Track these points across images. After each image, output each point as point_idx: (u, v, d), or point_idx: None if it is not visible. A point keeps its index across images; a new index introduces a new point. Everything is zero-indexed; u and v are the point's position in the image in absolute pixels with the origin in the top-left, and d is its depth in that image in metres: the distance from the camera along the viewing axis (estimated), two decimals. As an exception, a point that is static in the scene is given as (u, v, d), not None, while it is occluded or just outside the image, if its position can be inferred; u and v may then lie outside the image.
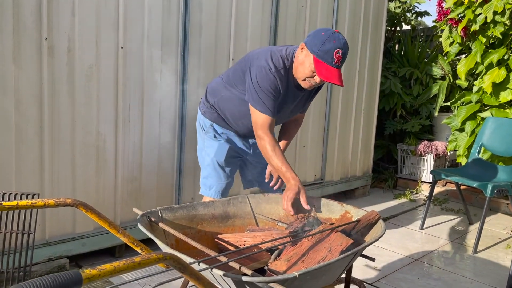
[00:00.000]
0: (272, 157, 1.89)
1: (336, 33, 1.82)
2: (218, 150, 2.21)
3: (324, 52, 1.79)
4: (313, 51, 1.81)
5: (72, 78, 2.36)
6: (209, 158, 2.23)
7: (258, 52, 2.03)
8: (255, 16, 3.21)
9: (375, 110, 4.61)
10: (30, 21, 2.19)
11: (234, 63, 2.19)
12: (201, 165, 2.32)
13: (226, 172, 2.24)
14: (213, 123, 2.24)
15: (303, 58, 1.88)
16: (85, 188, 2.50)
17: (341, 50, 1.79)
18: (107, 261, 2.62)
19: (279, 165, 1.88)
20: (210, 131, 2.24)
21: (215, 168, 2.22)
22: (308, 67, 1.85)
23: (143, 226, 1.50)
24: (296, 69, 1.92)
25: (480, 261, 3.03)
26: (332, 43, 1.79)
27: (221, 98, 2.18)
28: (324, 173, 4.08)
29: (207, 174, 2.25)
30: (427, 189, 4.81)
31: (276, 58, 1.94)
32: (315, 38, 1.83)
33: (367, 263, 2.80)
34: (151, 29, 2.64)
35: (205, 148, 2.27)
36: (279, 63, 1.93)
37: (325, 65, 1.80)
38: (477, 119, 4.10)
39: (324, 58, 1.79)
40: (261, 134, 1.93)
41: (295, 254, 1.54)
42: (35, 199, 1.70)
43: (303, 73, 1.89)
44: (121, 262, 0.90)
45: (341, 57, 1.80)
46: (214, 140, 2.23)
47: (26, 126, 2.24)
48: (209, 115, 2.25)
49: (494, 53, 3.92)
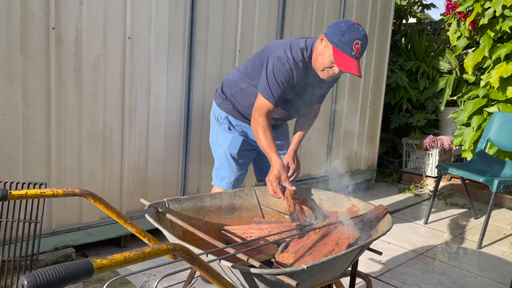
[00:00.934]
0: (261, 138, 1.92)
1: (356, 25, 1.81)
2: (232, 142, 2.22)
3: (343, 43, 1.79)
4: (333, 42, 1.81)
5: (79, 68, 2.36)
6: (222, 150, 2.24)
7: (278, 43, 2.03)
8: (263, 7, 3.19)
9: (381, 104, 4.59)
10: (38, 10, 2.18)
11: (253, 55, 2.18)
12: (214, 156, 2.34)
13: (239, 164, 2.26)
14: (228, 114, 2.25)
15: (322, 49, 1.88)
16: (91, 178, 2.50)
17: (361, 41, 1.79)
18: (112, 251, 2.65)
19: (266, 147, 1.91)
20: (225, 123, 2.25)
21: (228, 160, 2.24)
22: (327, 57, 1.85)
23: (151, 217, 1.51)
24: (316, 59, 1.92)
25: (485, 256, 3.03)
26: (352, 34, 1.78)
27: (238, 90, 2.19)
28: (329, 166, 4.07)
29: (220, 165, 2.27)
30: (431, 183, 4.80)
31: (295, 51, 1.94)
32: (335, 29, 1.82)
33: (372, 256, 2.81)
34: (158, 20, 2.63)
35: (218, 139, 2.28)
36: (298, 55, 1.94)
37: (344, 55, 1.80)
38: (484, 114, 4.08)
39: (343, 48, 1.79)
40: (257, 116, 1.95)
41: (302, 247, 1.54)
42: (43, 188, 1.70)
43: (322, 64, 1.89)
44: (132, 252, 0.90)
45: (360, 48, 1.80)
46: (228, 132, 2.24)
47: (33, 115, 2.24)
48: (224, 107, 2.26)
49: (502, 47, 3.88)
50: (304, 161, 3.80)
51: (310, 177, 3.90)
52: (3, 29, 2.09)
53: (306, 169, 3.87)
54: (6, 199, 1.26)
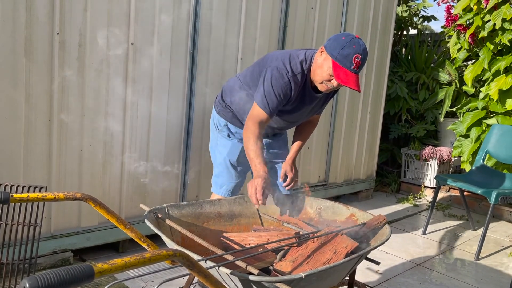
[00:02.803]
0: (252, 146, 1.89)
1: (357, 39, 1.82)
2: (231, 149, 2.23)
3: (343, 56, 1.79)
4: (332, 55, 1.81)
5: (82, 72, 2.38)
6: (222, 156, 2.25)
7: (277, 54, 2.02)
8: (265, 16, 3.22)
9: (381, 113, 4.61)
10: (43, 15, 2.20)
11: (253, 64, 2.20)
12: (213, 163, 2.34)
13: (238, 172, 2.26)
14: (227, 122, 2.26)
15: (321, 61, 1.88)
16: (91, 182, 2.51)
17: (360, 55, 1.79)
18: (110, 256, 2.65)
19: (254, 156, 1.87)
20: (224, 130, 2.26)
21: (227, 167, 2.24)
22: (326, 70, 1.85)
23: (150, 222, 1.52)
24: (314, 71, 1.92)
25: (482, 268, 3.03)
26: (351, 48, 1.79)
27: (238, 98, 2.20)
28: (328, 175, 4.08)
29: (219, 172, 2.28)
30: (430, 194, 4.81)
31: (294, 63, 1.94)
32: (335, 42, 1.83)
33: (370, 266, 2.81)
34: (161, 26, 2.65)
35: (218, 146, 2.29)
36: (297, 68, 1.94)
37: (343, 69, 1.80)
38: (483, 126, 4.10)
39: (342, 62, 1.79)
40: (250, 124, 1.93)
41: (300, 255, 1.55)
42: (43, 192, 1.71)
43: (321, 76, 1.89)
44: (132, 257, 0.91)
45: (360, 62, 1.80)
46: (227, 139, 2.24)
47: (36, 119, 2.26)
48: (224, 114, 2.26)
49: (501, 60, 3.91)
50: (303, 170, 3.81)
51: (310, 186, 3.91)
52: (8, 33, 2.11)
53: (305, 177, 3.88)
54: (8, 202, 1.27)
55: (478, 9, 3.95)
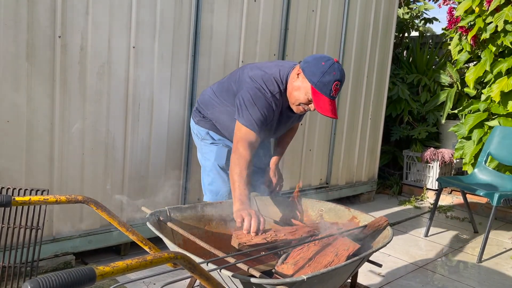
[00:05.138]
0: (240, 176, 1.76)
1: (336, 64, 1.78)
2: (217, 153, 2.17)
3: (323, 83, 1.76)
4: (312, 81, 1.78)
5: (84, 76, 2.39)
6: (210, 162, 2.19)
7: (250, 74, 1.96)
8: (266, 19, 3.23)
9: (382, 116, 4.61)
10: (44, 19, 2.21)
11: (226, 76, 2.15)
12: (203, 172, 2.27)
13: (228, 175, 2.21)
14: (209, 130, 2.21)
15: (299, 85, 1.84)
16: (93, 185, 2.51)
17: (340, 82, 1.77)
18: (112, 259, 2.65)
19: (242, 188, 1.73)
20: (207, 138, 2.21)
21: (218, 172, 2.19)
22: (305, 95, 1.82)
23: (152, 225, 1.52)
24: (291, 94, 1.88)
25: (485, 270, 3.02)
26: (332, 76, 1.75)
27: (214, 111, 2.16)
28: (330, 178, 4.08)
29: (211, 179, 2.21)
30: (432, 196, 4.80)
31: (270, 83, 1.90)
32: (314, 68, 1.78)
33: (371, 268, 2.80)
34: (162, 30, 2.66)
35: (204, 154, 2.23)
36: (274, 88, 1.90)
37: (322, 96, 1.77)
38: (485, 128, 4.09)
39: (322, 90, 1.76)
40: (241, 149, 1.82)
41: (302, 258, 1.55)
42: (45, 195, 1.72)
43: (297, 99, 1.86)
44: (134, 260, 0.91)
45: (338, 89, 1.78)
46: (212, 145, 2.19)
47: (37, 122, 2.26)
48: (203, 124, 2.23)
49: (503, 62, 3.91)
50: (305, 172, 3.81)
51: (311, 188, 3.91)
52: (10, 37, 2.12)
53: (307, 179, 3.88)
54: (10, 205, 1.28)
55: (480, 11, 3.95)
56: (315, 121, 3.78)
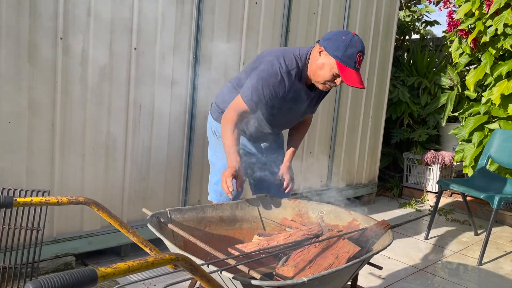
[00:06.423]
0: (228, 135, 1.92)
1: (356, 37, 1.84)
2: None
3: (347, 57, 1.81)
4: (336, 56, 1.82)
5: (85, 77, 2.39)
6: (221, 162, 2.17)
7: (271, 50, 2.02)
8: (267, 21, 3.23)
9: (383, 118, 4.62)
10: (47, 20, 2.22)
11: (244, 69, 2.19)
12: (211, 171, 2.27)
13: None
14: None
15: (323, 62, 1.87)
16: (93, 186, 2.52)
17: (362, 53, 1.84)
18: (113, 261, 2.65)
19: (230, 145, 1.91)
20: None
21: None
22: (330, 71, 1.86)
23: (153, 227, 1.52)
24: (315, 73, 1.92)
25: (485, 273, 3.02)
26: (354, 48, 1.81)
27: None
28: (330, 180, 4.08)
29: (218, 179, 2.17)
30: (432, 198, 4.80)
31: (289, 58, 1.93)
32: (337, 43, 1.83)
33: (372, 271, 2.80)
34: (164, 32, 2.67)
35: (216, 152, 2.23)
36: (292, 64, 1.93)
37: (349, 69, 1.82)
38: (485, 131, 4.10)
39: (347, 63, 1.81)
40: (231, 113, 1.95)
41: (302, 260, 1.55)
42: (46, 196, 1.72)
43: (323, 77, 1.90)
44: (135, 261, 0.91)
45: (361, 60, 1.84)
46: None
47: (39, 123, 2.27)
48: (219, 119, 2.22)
49: (503, 65, 3.91)
50: (305, 174, 3.81)
51: (311, 190, 3.91)
52: (12, 39, 2.13)
53: (307, 182, 3.88)
54: (12, 206, 1.28)
55: (480, 14, 3.95)
56: (316, 123, 3.78)
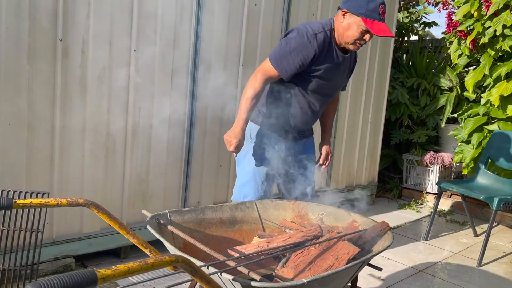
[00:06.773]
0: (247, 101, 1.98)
1: None
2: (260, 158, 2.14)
3: (371, 11, 1.90)
4: (361, 14, 1.91)
5: (85, 79, 2.39)
6: (252, 165, 2.15)
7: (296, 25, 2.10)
8: (266, 23, 3.24)
9: (382, 119, 4.62)
10: (46, 22, 2.22)
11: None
12: (240, 171, 2.23)
13: (265, 183, 2.17)
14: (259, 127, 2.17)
15: (349, 22, 1.96)
16: (93, 188, 2.52)
17: (384, 4, 1.92)
18: (112, 262, 2.65)
19: (243, 110, 1.98)
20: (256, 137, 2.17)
21: (255, 177, 2.15)
22: (357, 29, 1.95)
23: (153, 228, 1.52)
24: (343, 34, 2.00)
25: (485, 275, 3.02)
26: (375, 2, 1.91)
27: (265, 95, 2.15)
28: (330, 181, 4.08)
29: (245, 181, 2.17)
30: (432, 200, 4.80)
31: (314, 24, 2.03)
32: (357, 1, 1.92)
33: (372, 272, 2.80)
34: (163, 33, 2.67)
35: (247, 154, 2.17)
36: (318, 28, 2.02)
37: (375, 22, 1.91)
38: (484, 132, 4.10)
39: (372, 16, 1.91)
40: (257, 78, 2.00)
41: (302, 262, 1.55)
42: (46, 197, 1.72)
43: (351, 37, 1.98)
44: (135, 263, 0.91)
45: (384, 11, 1.92)
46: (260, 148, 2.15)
47: (38, 125, 2.27)
48: (256, 120, 2.18)
49: (502, 66, 3.92)
50: (304, 175, 3.80)
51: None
52: (11, 40, 2.13)
53: (307, 183, 3.88)
54: (11, 207, 1.28)
55: (478, 15, 3.96)
56: (315, 125, 3.77)
